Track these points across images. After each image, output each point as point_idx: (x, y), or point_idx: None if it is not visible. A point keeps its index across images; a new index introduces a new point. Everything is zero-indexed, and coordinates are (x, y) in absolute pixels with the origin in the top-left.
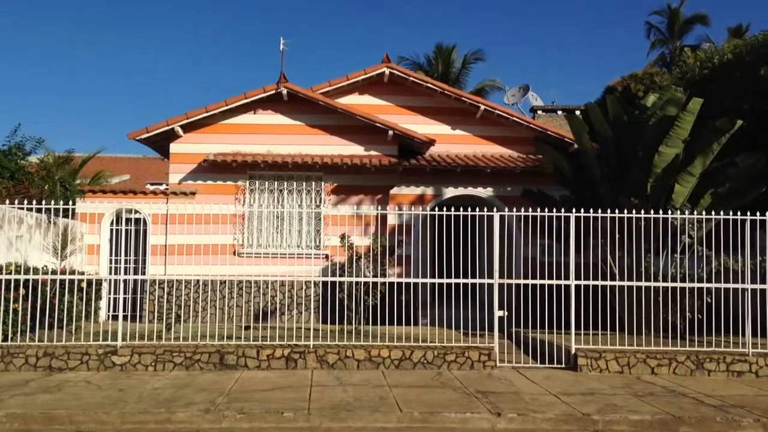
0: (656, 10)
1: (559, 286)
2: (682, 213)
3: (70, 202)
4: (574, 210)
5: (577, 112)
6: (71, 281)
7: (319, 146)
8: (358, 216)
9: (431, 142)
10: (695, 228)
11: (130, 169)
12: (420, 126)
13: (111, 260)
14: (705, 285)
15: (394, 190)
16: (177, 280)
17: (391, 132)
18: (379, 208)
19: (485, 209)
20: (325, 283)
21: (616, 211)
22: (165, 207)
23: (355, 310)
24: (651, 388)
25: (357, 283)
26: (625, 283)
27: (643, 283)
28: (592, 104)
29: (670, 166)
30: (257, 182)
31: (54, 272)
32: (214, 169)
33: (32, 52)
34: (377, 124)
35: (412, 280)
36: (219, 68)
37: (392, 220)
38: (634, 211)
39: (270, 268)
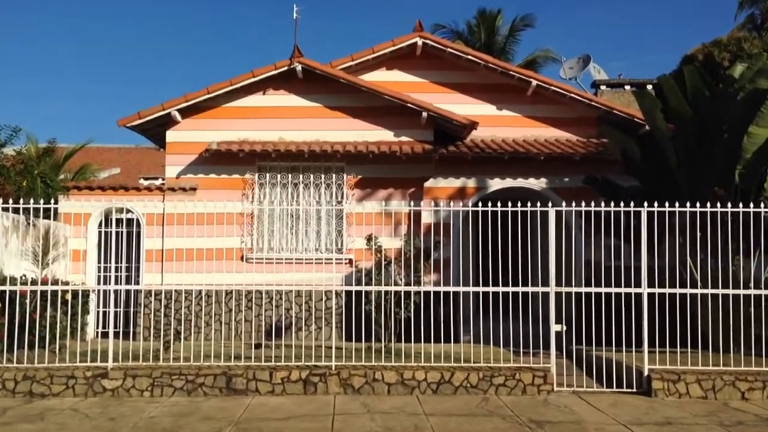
0: None
1: (628, 295)
2: None
3: (53, 201)
4: (645, 204)
5: (649, 87)
6: (54, 293)
7: (340, 132)
8: (386, 213)
9: (473, 125)
10: None
11: (120, 162)
12: (459, 106)
13: (100, 268)
14: None
15: (429, 183)
16: (176, 291)
17: (425, 114)
18: (412, 203)
19: (538, 204)
20: (348, 293)
21: (697, 204)
22: (161, 205)
23: (384, 325)
24: (741, 416)
25: (386, 292)
26: (709, 291)
27: (731, 291)
28: (666, 77)
29: (762, 149)
30: (268, 175)
31: (34, 282)
32: (218, 160)
33: (6, 25)
34: (409, 105)
35: (451, 288)
36: (225, 47)
37: (427, 217)
38: (719, 204)
39: (284, 276)
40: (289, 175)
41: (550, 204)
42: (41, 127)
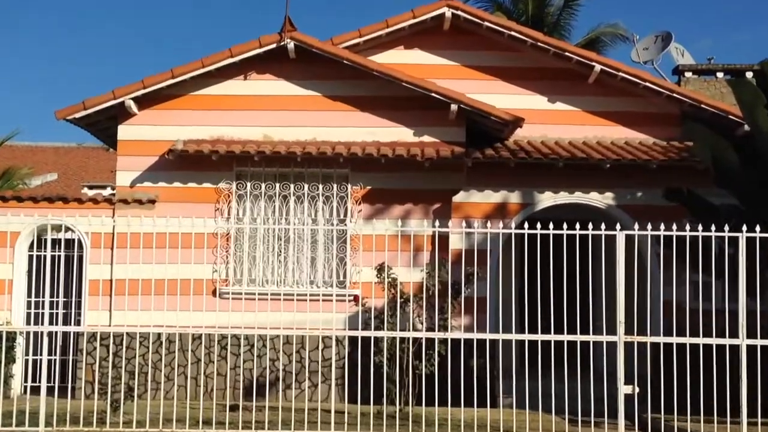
0: None
1: (721, 348)
2: None
3: None
4: (744, 227)
5: (748, 75)
6: None
7: (343, 129)
8: (403, 236)
9: (517, 122)
10: None
11: (58, 166)
12: (499, 97)
13: (30, 303)
14: None
15: (459, 197)
16: (128, 335)
17: (454, 106)
18: (437, 224)
19: (602, 226)
20: (353, 340)
21: None
22: (110, 222)
23: (400, 383)
24: None
25: (403, 340)
26: None
27: None
28: None
29: None
30: (249, 184)
31: None
32: (184, 164)
33: None
34: (433, 95)
35: (488, 335)
36: (197, 20)
37: (457, 242)
38: None
39: (268, 317)
40: (277, 185)
41: (617, 226)
42: None
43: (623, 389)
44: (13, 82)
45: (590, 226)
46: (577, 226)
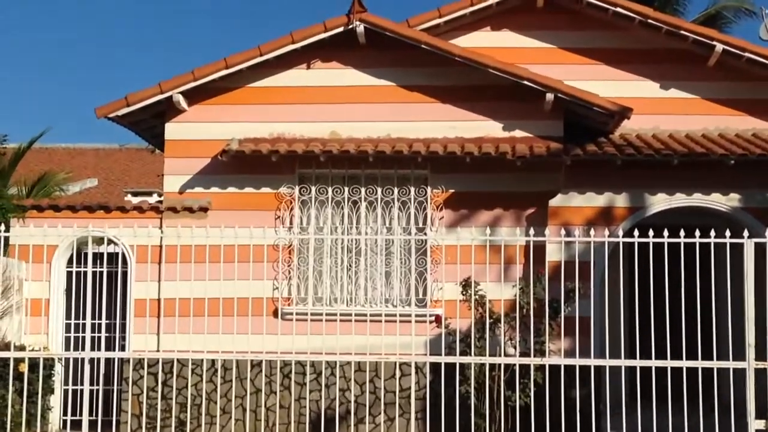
0: None
1: None
2: None
3: (1, 227)
4: None
5: None
6: (3, 362)
7: (422, 123)
8: (492, 247)
9: (624, 113)
10: None
11: (99, 170)
12: (603, 84)
13: (69, 326)
14: None
15: (556, 201)
16: (179, 361)
17: (550, 96)
18: (532, 232)
19: (727, 232)
20: (435, 367)
21: None
22: (158, 233)
23: (489, 416)
24: None
25: (493, 366)
26: None
27: None
28: None
29: None
30: (314, 188)
31: None
32: (240, 166)
33: None
34: (526, 82)
35: (592, 361)
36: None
37: (555, 253)
38: None
39: (337, 341)
40: (346, 189)
41: (745, 233)
42: None
43: (754, 424)
44: (51, 77)
45: (712, 233)
46: (697, 233)
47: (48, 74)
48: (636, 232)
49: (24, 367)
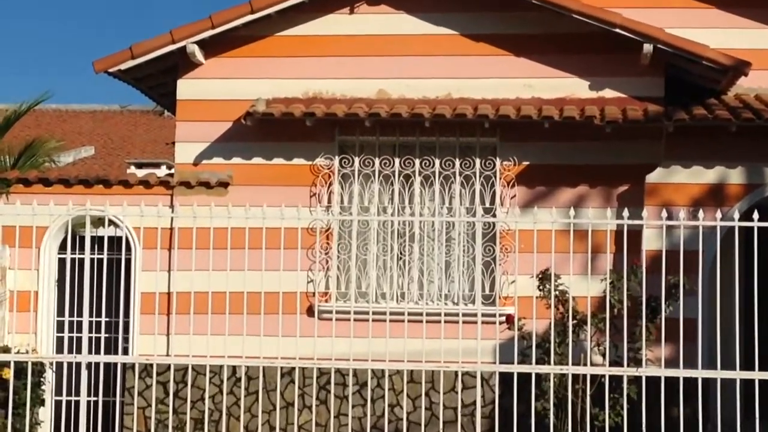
0: None
1: None
2: None
3: None
4: None
5: None
6: None
7: (490, 80)
8: (576, 232)
9: (740, 68)
10: None
11: (96, 135)
12: (712, 33)
13: (62, 324)
14: None
15: (655, 176)
16: (194, 368)
17: (648, 46)
18: (626, 214)
19: None
20: (505, 378)
21: None
22: (168, 213)
23: None
24: None
25: (577, 378)
26: None
27: None
28: None
29: None
30: (357, 159)
31: None
32: (268, 131)
33: None
34: (618, 30)
35: (700, 372)
36: None
37: (653, 240)
38: None
39: (386, 345)
40: (397, 161)
41: None
42: None
43: None
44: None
45: None
46: None
47: (37, 18)
48: (756, 215)
49: (8, 373)
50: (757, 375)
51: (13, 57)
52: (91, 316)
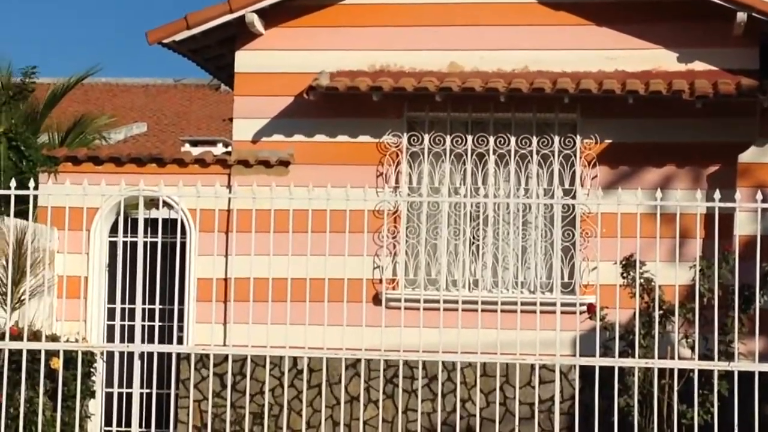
0: None
1: None
2: None
3: (31, 183)
4: None
5: None
6: (31, 356)
7: (570, 52)
8: (663, 216)
9: None
10: None
11: (148, 111)
12: None
13: (113, 311)
14: None
15: (748, 155)
16: (253, 360)
17: (742, 14)
18: (717, 196)
19: None
20: (585, 372)
21: None
22: (225, 194)
23: None
24: None
25: (663, 372)
26: None
27: None
28: None
29: None
30: (427, 137)
31: None
32: (332, 107)
33: None
34: None
35: None
36: None
37: (747, 224)
38: None
39: (457, 336)
40: (470, 138)
41: None
42: (13, 49)
43: None
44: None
45: None
46: None
47: None
48: None
49: (57, 363)
50: None
51: (62, 30)
52: (144, 303)
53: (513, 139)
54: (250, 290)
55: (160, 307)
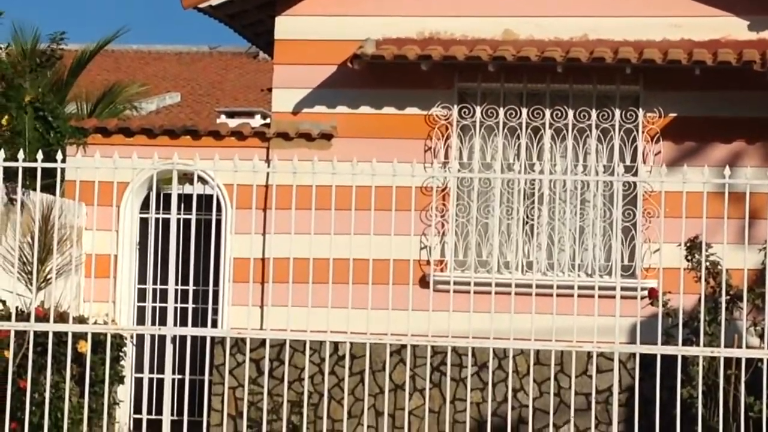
0: None
1: None
2: None
3: (58, 156)
4: None
5: None
6: (58, 338)
7: (632, 19)
8: (731, 195)
9: None
10: None
11: (182, 80)
12: None
13: (142, 291)
14: None
15: None
16: (292, 345)
17: None
18: None
19: None
20: (645, 361)
21: None
22: (263, 168)
23: (724, 429)
24: None
25: (729, 362)
26: None
27: None
28: None
29: None
30: (479, 109)
31: (21, 317)
32: (377, 77)
33: None
34: None
35: None
36: None
37: None
38: None
39: (510, 322)
40: (524, 111)
41: None
42: (40, 15)
43: None
44: None
45: None
46: None
47: None
48: None
49: (84, 347)
50: None
51: None
52: (176, 284)
53: (571, 112)
54: (289, 271)
55: (194, 288)
